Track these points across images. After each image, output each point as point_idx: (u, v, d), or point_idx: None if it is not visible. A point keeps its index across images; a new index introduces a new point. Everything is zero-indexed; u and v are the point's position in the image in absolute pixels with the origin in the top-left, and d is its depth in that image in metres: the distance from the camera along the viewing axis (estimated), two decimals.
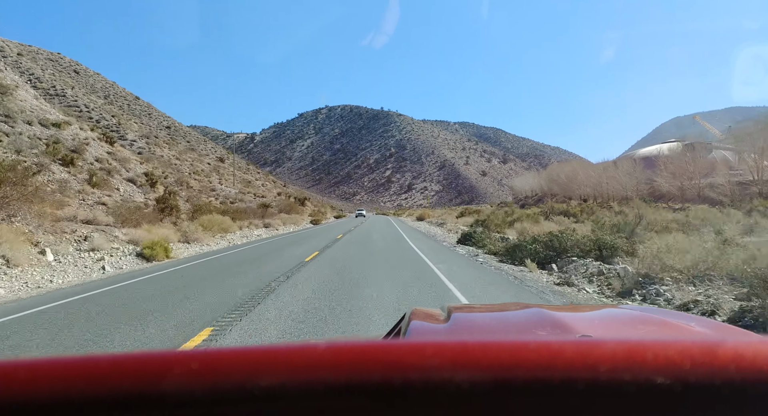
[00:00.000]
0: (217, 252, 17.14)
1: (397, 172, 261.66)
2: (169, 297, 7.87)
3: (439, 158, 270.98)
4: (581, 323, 1.15)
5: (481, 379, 0.45)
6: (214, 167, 63.98)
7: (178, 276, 10.49)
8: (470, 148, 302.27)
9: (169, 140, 70.91)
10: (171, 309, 6.82)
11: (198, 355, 0.48)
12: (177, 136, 78.16)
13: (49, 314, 6.71)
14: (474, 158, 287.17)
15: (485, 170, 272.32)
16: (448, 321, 1.28)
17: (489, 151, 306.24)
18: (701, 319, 1.34)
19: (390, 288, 8.28)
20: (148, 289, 8.75)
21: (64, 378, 0.45)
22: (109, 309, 6.94)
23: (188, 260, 14.18)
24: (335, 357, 0.47)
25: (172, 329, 5.71)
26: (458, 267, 11.66)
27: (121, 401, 0.44)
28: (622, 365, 0.45)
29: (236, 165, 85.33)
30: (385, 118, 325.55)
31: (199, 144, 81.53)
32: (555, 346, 0.48)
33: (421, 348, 0.48)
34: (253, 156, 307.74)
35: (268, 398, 0.45)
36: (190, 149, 75.07)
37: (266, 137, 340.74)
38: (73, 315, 6.57)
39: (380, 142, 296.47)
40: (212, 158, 77.74)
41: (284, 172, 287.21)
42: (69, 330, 5.76)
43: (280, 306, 6.86)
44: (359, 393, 0.45)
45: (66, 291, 8.83)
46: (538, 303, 1.79)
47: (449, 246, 19.84)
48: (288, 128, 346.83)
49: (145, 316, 6.39)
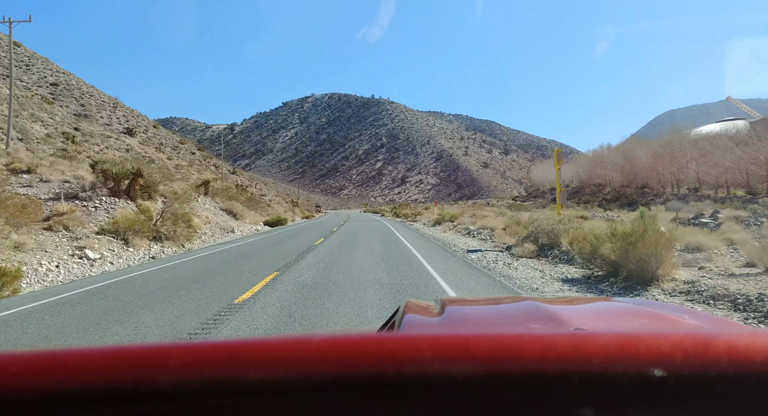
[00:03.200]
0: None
1: (389, 164, 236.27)
2: None
3: (436, 148, 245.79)
4: (575, 316, 1.15)
5: (475, 372, 0.45)
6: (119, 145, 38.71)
7: None
8: (469, 138, 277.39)
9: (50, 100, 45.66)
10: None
11: (193, 348, 0.48)
12: (66, 96, 53.20)
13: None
14: (473, 149, 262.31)
15: (486, 161, 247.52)
16: (443, 315, 1.27)
17: (489, 142, 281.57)
18: (695, 312, 1.35)
19: None
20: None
21: (57, 372, 0.45)
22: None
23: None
24: (329, 350, 0.47)
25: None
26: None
27: (115, 394, 0.44)
28: (616, 358, 0.46)
29: (161, 141, 59.93)
30: (376, 105, 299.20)
31: (105, 109, 56.40)
32: (549, 339, 0.48)
33: (415, 341, 0.48)
34: (231, 148, 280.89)
35: (263, 391, 0.45)
36: (80, 115, 49.47)
37: (247, 127, 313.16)
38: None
39: (371, 132, 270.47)
40: (117, 129, 51.98)
41: (264, 164, 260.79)
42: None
43: None
44: (353, 387, 0.45)
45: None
46: (531, 297, 1.66)
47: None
48: (271, 118, 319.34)
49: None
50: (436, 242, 17.87)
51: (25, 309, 6.63)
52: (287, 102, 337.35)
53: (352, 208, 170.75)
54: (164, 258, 13.66)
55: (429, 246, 15.49)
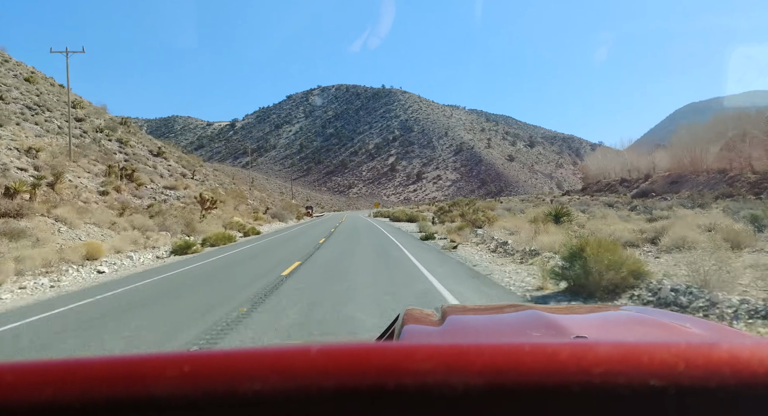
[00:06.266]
0: None
1: (403, 159, 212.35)
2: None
3: (455, 141, 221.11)
4: (576, 324, 1.14)
5: (476, 383, 0.44)
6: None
7: None
8: (490, 129, 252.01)
9: None
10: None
11: (190, 358, 0.47)
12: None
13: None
14: (496, 141, 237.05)
15: (511, 154, 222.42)
16: (443, 323, 1.26)
17: (512, 134, 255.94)
18: (697, 320, 1.33)
19: None
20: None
21: (54, 382, 0.44)
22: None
23: None
24: (328, 360, 0.46)
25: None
26: None
27: (112, 405, 0.43)
28: (617, 368, 0.45)
29: None
30: (387, 96, 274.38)
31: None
32: (550, 349, 0.47)
33: (415, 351, 0.47)
34: (232, 145, 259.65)
35: (261, 401, 0.44)
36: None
37: (248, 123, 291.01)
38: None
39: (381, 124, 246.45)
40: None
41: (266, 162, 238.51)
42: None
43: None
44: (352, 397, 0.45)
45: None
46: (532, 305, 1.62)
47: None
48: (274, 112, 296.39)
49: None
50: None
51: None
52: (291, 95, 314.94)
53: (362, 208, 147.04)
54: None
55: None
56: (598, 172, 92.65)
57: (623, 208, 35.06)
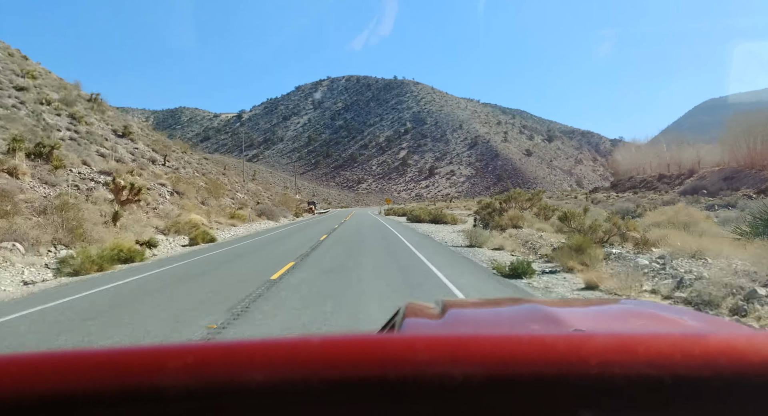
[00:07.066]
0: None
1: (415, 153, 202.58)
2: None
3: (470, 134, 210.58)
4: (574, 317, 1.15)
5: (476, 373, 0.45)
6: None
7: None
8: (507, 122, 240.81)
9: None
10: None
11: (193, 349, 0.48)
12: None
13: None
14: (513, 135, 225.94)
15: (529, 149, 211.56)
16: (443, 316, 1.26)
17: (530, 127, 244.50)
18: (694, 313, 1.33)
19: None
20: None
21: (57, 374, 0.45)
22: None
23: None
24: (329, 351, 0.47)
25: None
26: None
27: (116, 396, 0.44)
28: (613, 358, 0.46)
29: None
30: (398, 87, 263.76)
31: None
32: (548, 340, 0.48)
33: (416, 342, 0.48)
34: (238, 137, 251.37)
35: (263, 392, 0.45)
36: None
37: (255, 115, 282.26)
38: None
39: (393, 116, 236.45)
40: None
41: (273, 154, 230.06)
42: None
43: None
44: (353, 388, 0.45)
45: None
46: (532, 299, 1.69)
47: None
48: (282, 103, 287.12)
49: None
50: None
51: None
52: (300, 86, 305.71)
53: (371, 204, 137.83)
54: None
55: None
56: (631, 167, 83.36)
57: (697, 207, 26.86)
